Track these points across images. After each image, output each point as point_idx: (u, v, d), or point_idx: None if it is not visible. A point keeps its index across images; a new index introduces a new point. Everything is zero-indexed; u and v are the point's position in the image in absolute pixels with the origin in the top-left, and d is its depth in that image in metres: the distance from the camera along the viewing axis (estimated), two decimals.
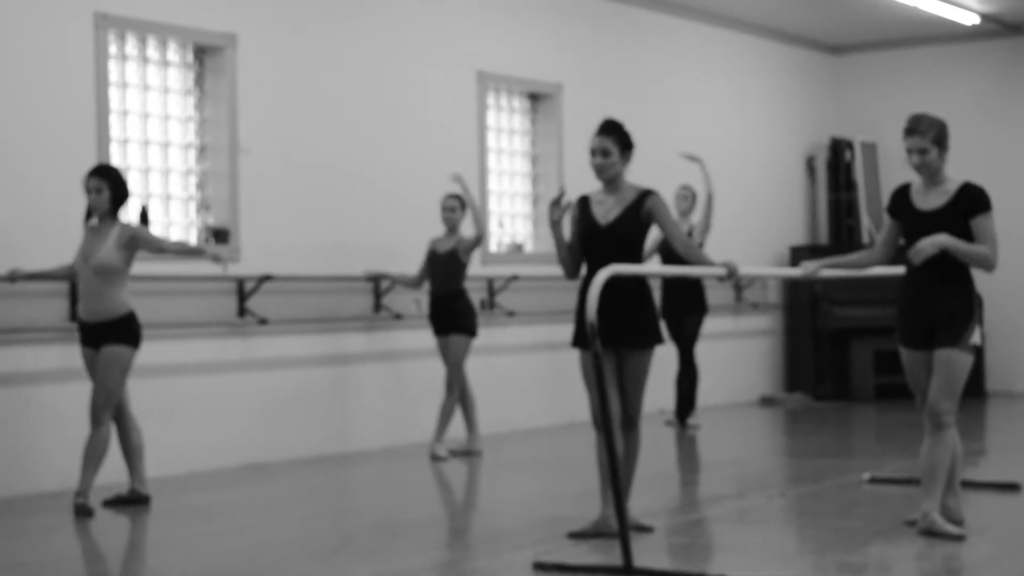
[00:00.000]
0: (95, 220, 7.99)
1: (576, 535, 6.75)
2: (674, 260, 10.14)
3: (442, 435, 10.06)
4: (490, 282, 11.67)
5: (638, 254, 6.81)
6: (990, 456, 10.34)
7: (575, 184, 11.53)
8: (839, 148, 15.47)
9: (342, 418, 10.44)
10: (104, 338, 7.83)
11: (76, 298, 8.27)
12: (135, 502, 8.03)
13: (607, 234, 6.75)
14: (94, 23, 8.97)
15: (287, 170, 10.12)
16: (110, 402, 7.85)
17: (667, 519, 7.38)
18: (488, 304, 11.63)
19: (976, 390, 14.11)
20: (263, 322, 9.81)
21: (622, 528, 5.94)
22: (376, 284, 10.65)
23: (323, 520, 7.83)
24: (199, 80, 9.84)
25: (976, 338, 6.57)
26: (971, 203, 6.54)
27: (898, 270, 6.87)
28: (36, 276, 8.19)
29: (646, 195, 6.81)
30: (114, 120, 9.23)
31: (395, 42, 10.94)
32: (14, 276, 8.12)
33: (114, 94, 9.24)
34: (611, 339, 6.63)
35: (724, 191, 14.06)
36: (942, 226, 6.53)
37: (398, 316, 10.74)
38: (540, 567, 6.08)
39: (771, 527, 7.40)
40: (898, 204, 6.78)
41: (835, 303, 14.56)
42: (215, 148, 9.82)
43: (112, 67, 9.22)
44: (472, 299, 10.25)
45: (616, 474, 6.01)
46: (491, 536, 7.13)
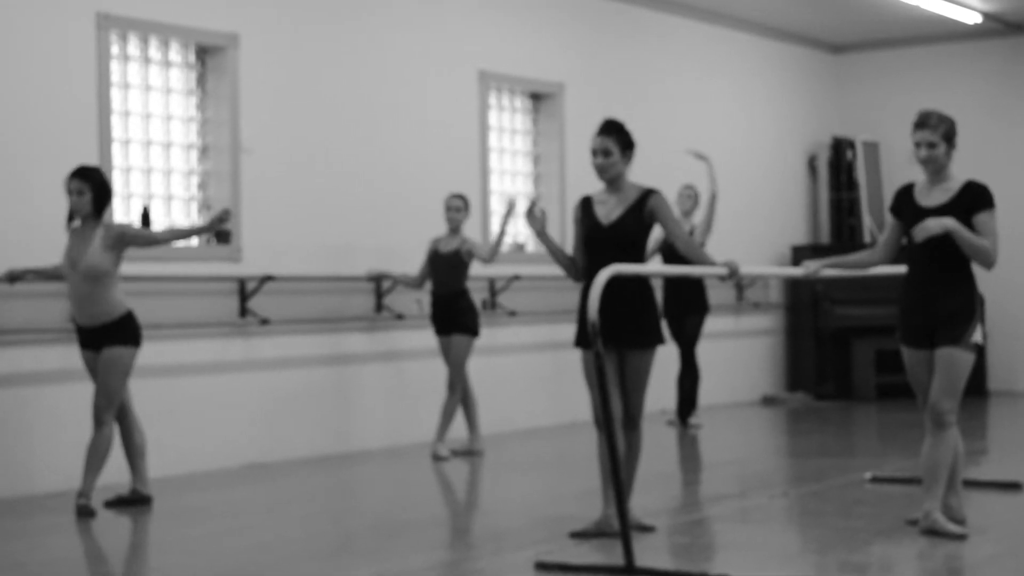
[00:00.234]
0: (77, 222, 7.87)
1: (578, 535, 6.75)
2: (675, 260, 10.12)
3: (444, 435, 10.06)
4: (492, 282, 11.67)
5: (640, 254, 6.81)
6: (992, 455, 10.34)
7: (577, 184, 11.60)
8: (841, 147, 15.46)
9: (344, 418, 10.44)
10: (104, 341, 7.81)
11: None
12: (137, 502, 8.03)
13: (609, 234, 6.75)
14: (96, 23, 8.97)
15: (289, 170, 10.12)
16: (112, 404, 7.85)
17: (669, 519, 7.38)
18: (490, 304, 11.63)
19: (978, 389, 14.11)
20: (265, 322, 9.81)
21: (624, 528, 5.95)
22: (378, 284, 10.65)
23: (325, 520, 7.83)
24: (201, 80, 9.85)
25: (978, 337, 6.57)
26: (974, 200, 6.54)
27: (899, 269, 6.87)
28: (29, 273, 8.15)
29: (648, 194, 6.81)
30: (116, 120, 9.23)
31: (397, 42, 10.95)
32: (12, 276, 8.11)
33: (116, 94, 9.25)
34: (613, 339, 6.63)
35: (726, 190, 14.05)
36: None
37: (400, 316, 10.74)
38: (542, 567, 6.08)
39: (773, 527, 7.40)
40: (901, 203, 6.78)
41: (837, 302, 14.55)
42: (217, 148, 9.82)
43: (114, 67, 9.22)
44: (474, 299, 10.25)
45: (618, 474, 6.01)
46: (493, 536, 7.13)
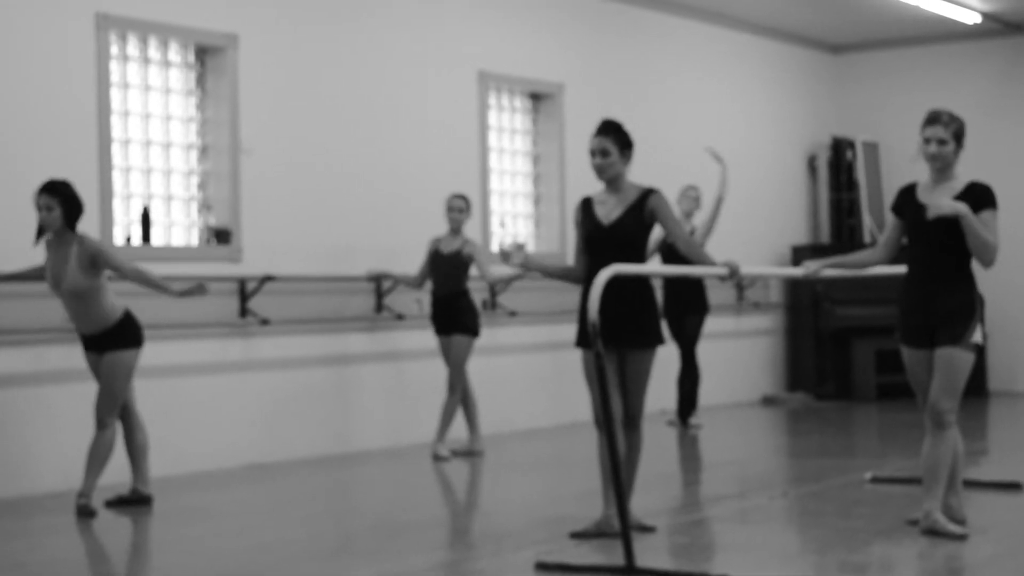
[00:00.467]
0: (49, 236, 7.78)
1: (578, 535, 6.75)
2: (675, 259, 10.12)
3: (444, 435, 10.06)
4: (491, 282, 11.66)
5: (641, 254, 6.80)
6: (992, 455, 10.34)
7: (577, 184, 11.60)
8: (841, 147, 15.46)
9: (344, 418, 10.44)
10: (105, 345, 7.82)
11: None
12: (137, 502, 8.03)
13: (609, 234, 6.74)
14: (95, 23, 8.97)
15: (289, 170, 10.12)
16: (115, 405, 7.85)
17: (669, 519, 7.38)
18: (490, 304, 11.63)
19: (978, 389, 14.10)
20: (265, 323, 9.81)
21: (624, 528, 5.95)
22: (378, 284, 10.65)
23: (325, 520, 7.83)
24: (200, 80, 9.85)
25: (978, 337, 6.57)
26: (978, 199, 6.53)
27: (899, 269, 6.86)
28: (9, 278, 8.12)
29: (648, 194, 6.80)
30: (115, 121, 9.23)
31: (396, 42, 10.94)
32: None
33: (115, 94, 9.25)
34: (613, 339, 6.63)
35: (726, 190, 14.06)
36: (946, 222, 6.52)
37: (400, 316, 10.74)
38: (542, 567, 6.08)
39: (773, 527, 7.40)
40: (903, 202, 6.77)
41: (837, 302, 14.55)
42: (216, 148, 9.82)
43: (113, 67, 9.22)
44: (474, 299, 10.25)
45: (618, 474, 6.01)
46: (493, 536, 7.13)
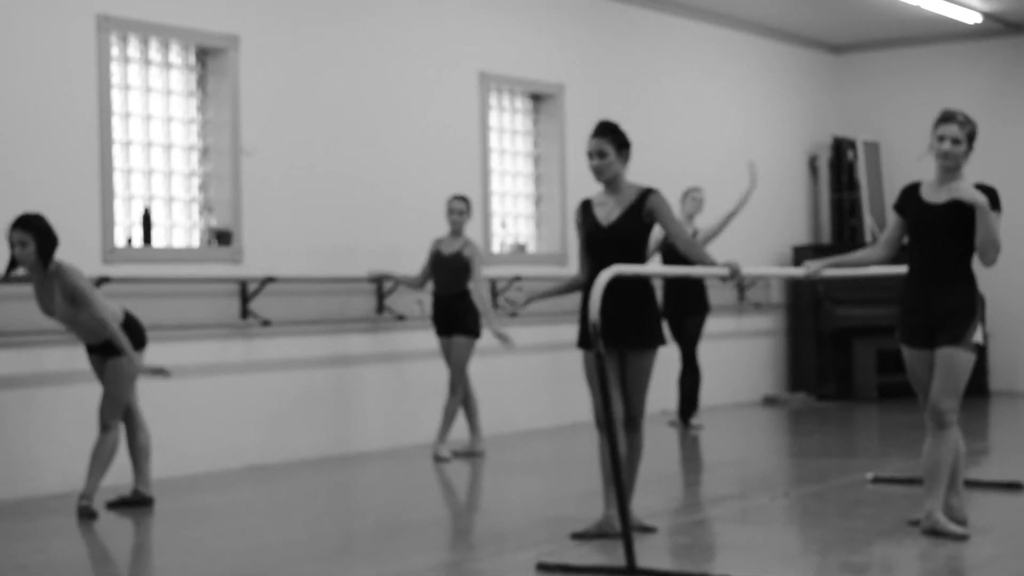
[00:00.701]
0: (21, 271, 7.73)
1: (579, 536, 6.75)
2: (676, 259, 10.13)
3: (445, 436, 10.06)
4: (493, 283, 11.67)
5: (641, 254, 6.80)
6: (993, 456, 10.34)
7: (577, 185, 11.60)
8: (841, 147, 15.46)
9: (345, 419, 10.45)
10: (109, 351, 7.83)
11: None
12: (138, 504, 8.03)
13: (609, 235, 6.74)
14: (96, 25, 8.97)
15: (290, 172, 10.12)
16: (118, 409, 7.85)
17: (670, 519, 7.38)
18: (491, 305, 11.62)
19: (979, 389, 14.11)
20: (266, 324, 9.81)
21: (625, 528, 5.95)
22: (379, 285, 10.66)
23: (327, 521, 7.84)
24: (201, 82, 9.85)
25: (978, 337, 6.57)
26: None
27: (900, 269, 6.87)
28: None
29: (647, 194, 6.79)
30: (116, 122, 9.23)
31: (397, 43, 10.95)
32: None
33: (116, 96, 9.25)
34: (614, 340, 6.63)
35: (726, 191, 14.06)
36: (949, 220, 6.54)
37: (401, 317, 10.74)
38: (543, 568, 6.08)
39: (774, 527, 7.40)
40: (906, 200, 6.76)
41: (838, 303, 14.55)
42: (217, 150, 9.82)
43: (114, 69, 9.22)
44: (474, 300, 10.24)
45: (619, 475, 6.01)
46: (494, 537, 7.13)
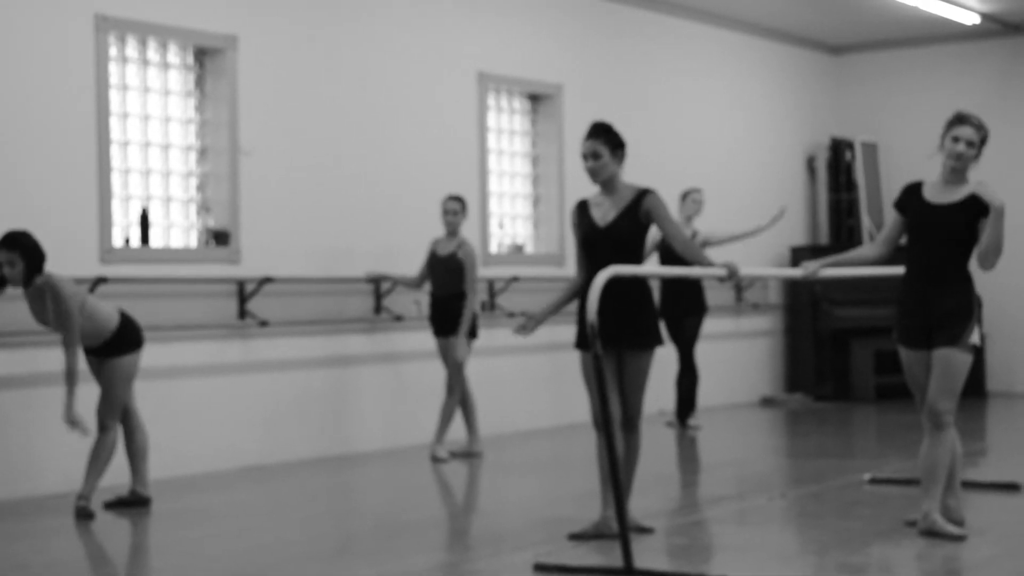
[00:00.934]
0: (8, 291, 7.75)
1: (576, 536, 6.75)
2: (673, 260, 10.14)
3: (443, 437, 10.06)
4: (491, 283, 11.67)
5: (638, 255, 6.80)
6: (991, 456, 10.34)
7: (576, 185, 11.59)
8: (839, 148, 15.47)
9: (343, 420, 10.44)
10: (105, 353, 7.84)
11: None
12: (136, 504, 8.03)
13: (606, 236, 6.74)
14: (94, 25, 8.97)
15: (288, 172, 10.12)
16: (116, 409, 7.86)
17: (667, 520, 7.38)
18: (489, 305, 11.63)
19: (977, 390, 14.11)
20: (264, 324, 9.81)
21: (622, 529, 5.95)
22: (376, 286, 10.66)
23: (324, 522, 7.83)
24: (199, 82, 9.85)
25: (975, 338, 6.57)
26: (985, 205, 6.54)
27: (898, 270, 6.87)
28: None
29: (643, 194, 6.79)
30: (114, 122, 9.22)
31: (395, 43, 10.95)
32: None
33: (114, 96, 9.24)
34: (611, 340, 6.63)
35: (725, 191, 14.08)
36: (951, 221, 6.55)
37: (399, 318, 10.74)
38: (541, 568, 6.09)
39: (771, 528, 7.41)
40: (908, 200, 6.75)
41: (835, 303, 14.56)
42: (216, 150, 9.82)
43: (112, 69, 9.22)
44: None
45: (616, 475, 6.01)
46: (492, 537, 7.13)
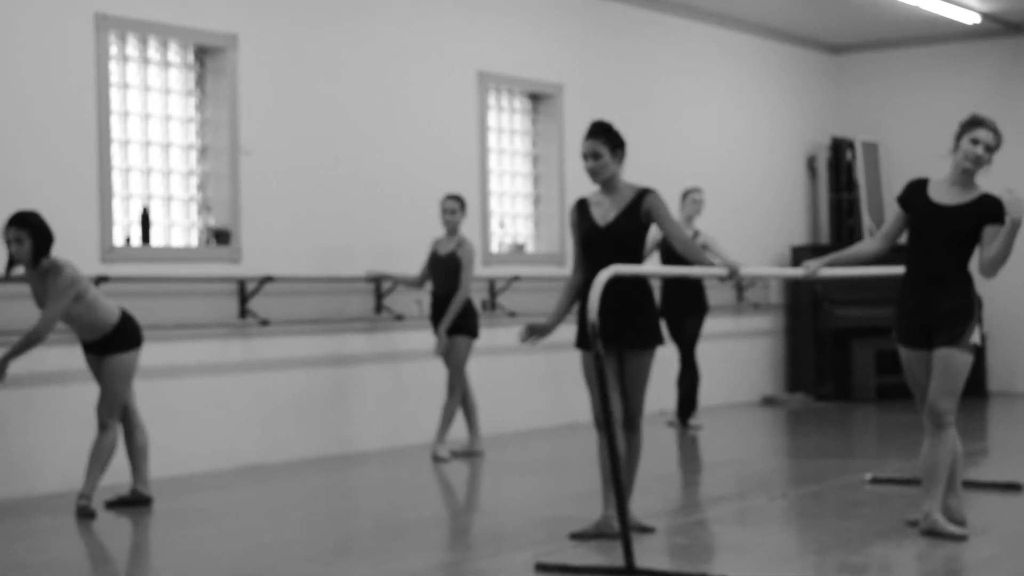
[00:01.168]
0: (18, 270, 7.75)
1: (577, 536, 6.75)
2: (674, 259, 10.12)
3: (444, 436, 10.06)
4: (491, 283, 11.67)
5: (638, 254, 6.80)
6: (992, 456, 10.34)
7: (576, 185, 11.58)
8: (840, 148, 15.46)
9: (343, 419, 10.44)
10: (104, 350, 7.83)
11: None
12: (137, 503, 8.03)
13: (606, 235, 6.74)
14: (95, 24, 8.97)
15: (288, 171, 10.12)
16: (116, 408, 7.85)
17: (668, 520, 7.38)
18: (489, 305, 11.63)
19: (978, 390, 14.11)
20: (264, 323, 9.81)
21: (623, 529, 5.94)
22: (377, 285, 10.65)
23: (325, 521, 7.83)
24: (200, 81, 9.84)
25: (975, 338, 6.57)
26: (991, 213, 6.54)
27: (898, 270, 6.86)
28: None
29: (644, 194, 6.79)
30: (115, 121, 9.22)
31: (396, 43, 10.94)
32: None
33: (115, 95, 9.24)
34: (612, 340, 6.63)
35: (726, 191, 14.08)
36: (956, 223, 6.54)
37: (399, 317, 10.74)
38: (542, 568, 6.08)
39: (772, 528, 7.40)
40: (913, 197, 6.72)
41: (836, 303, 14.55)
42: (216, 149, 9.81)
43: (113, 68, 9.22)
44: (474, 300, 10.24)
45: (617, 475, 6.01)
46: (493, 537, 7.13)
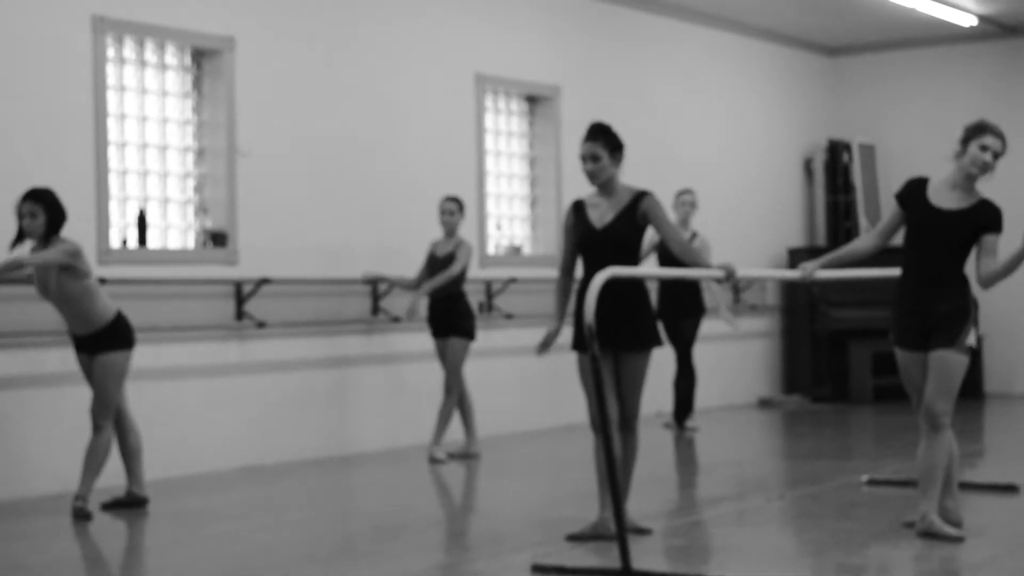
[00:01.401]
0: (32, 244, 7.77)
1: (574, 537, 6.75)
2: (671, 262, 10.12)
3: (441, 438, 10.06)
4: (488, 284, 11.68)
5: (635, 256, 6.81)
6: (988, 458, 10.35)
7: (573, 187, 11.59)
8: (837, 150, 15.47)
9: (341, 421, 10.44)
10: (96, 347, 7.82)
11: None
12: (133, 505, 8.03)
13: (603, 237, 6.74)
14: (92, 26, 8.97)
15: (285, 173, 10.12)
16: (109, 408, 7.85)
17: (665, 521, 7.38)
18: (486, 307, 11.63)
19: (974, 392, 14.11)
20: (261, 325, 9.81)
21: (620, 530, 5.95)
22: (374, 287, 10.66)
23: (322, 523, 7.83)
24: (197, 83, 9.84)
25: (971, 340, 6.58)
26: (989, 219, 6.56)
27: (895, 272, 6.87)
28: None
29: (641, 196, 6.79)
30: (112, 123, 9.22)
31: (393, 45, 10.95)
32: None
33: (112, 97, 9.24)
34: (609, 341, 6.63)
35: (722, 193, 14.09)
36: (955, 227, 6.55)
37: (396, 319, 10.74)
38: (539, 569, 6.08)
39: (769, 529, 7.41)
40: (911, 196, 6.72)
41: (833, 305, 14.56)
42: (213, 151, 9.82)
43: (110, 70, 9.22)
44: (470, 302, 10.25)
45: (614, 476, 6.01)
46: (490, 538, 7.13)
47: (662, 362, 10.28)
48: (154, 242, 9.54)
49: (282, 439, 10.00)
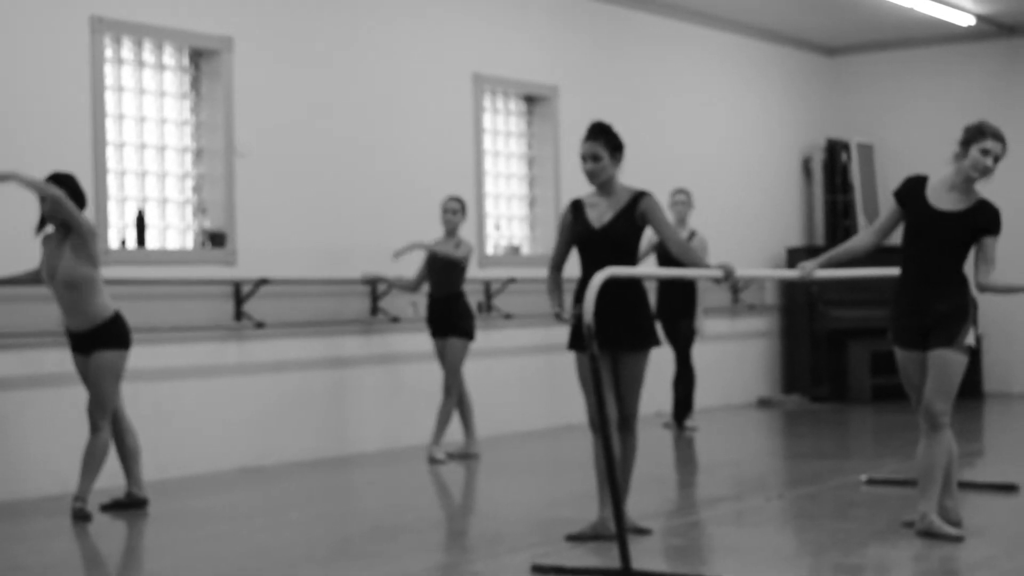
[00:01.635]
0: (49, 230, 7.82)
1: (574, 537, 6.75)
2: (670, 262, 10.11)
3: (440, 438, 10.06)
4: (487, 285, 11.67)
5: (633, 256, 6.81)
6: (988, 457, 10.35)
7: (571, 186, 11.59)
8: (835, 149, 15.48)
9: (340, 421, 10.44)
10: (93, 345, 7.81)
11: None
12: (132, 506, 8.02)
13: (601, 237, 6.74)
14: (90, 27, 8.97)
15: (283, 173, 10.12)
16: (106, 407, 7.84)
17: (665, 521, 7.38)
18: (485, 307, 11.63)
19: (973, 391, 14.12)
20: (260, 325, 9.81)
21: (620, 530, 5.95)
22: (373, 287, 10.66)
23: (321, 523, 7.83)
24: (195, 83, 9.84)
25: (970, 339, 6.57)
26: (988, 221, 6.56)
27: (894, 271, 6.87)
28: (3, 282, 8.13)
29: (639, 197, 6.80)
30: (110, 124, 9.22)
31: (391, 45, 10.95)
32: None
33: (110, 98, 9.24)
34: (607, 341, 6.63)
35: (721, 193, 14.09)
36: (953, 228, 6.55)
37: (395, 319, 10.74)
38: (538, 570, 6.08)
39: (769, 529, 7.40)
40: (911, 194, 6.71)
41: (832, 304, 14.56)
42: (211, 152, 9.82)
43: (108, 71, 9.22)
44: (470, 302, 10.25)
45: (613, 476, 6.01)
46: (489, 539, 7.13)
47: (661, 362, 10.27)
48: (153, 243, 9.54)
49: (281, 439, 10.00)
